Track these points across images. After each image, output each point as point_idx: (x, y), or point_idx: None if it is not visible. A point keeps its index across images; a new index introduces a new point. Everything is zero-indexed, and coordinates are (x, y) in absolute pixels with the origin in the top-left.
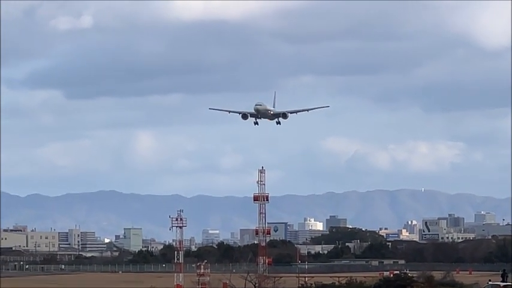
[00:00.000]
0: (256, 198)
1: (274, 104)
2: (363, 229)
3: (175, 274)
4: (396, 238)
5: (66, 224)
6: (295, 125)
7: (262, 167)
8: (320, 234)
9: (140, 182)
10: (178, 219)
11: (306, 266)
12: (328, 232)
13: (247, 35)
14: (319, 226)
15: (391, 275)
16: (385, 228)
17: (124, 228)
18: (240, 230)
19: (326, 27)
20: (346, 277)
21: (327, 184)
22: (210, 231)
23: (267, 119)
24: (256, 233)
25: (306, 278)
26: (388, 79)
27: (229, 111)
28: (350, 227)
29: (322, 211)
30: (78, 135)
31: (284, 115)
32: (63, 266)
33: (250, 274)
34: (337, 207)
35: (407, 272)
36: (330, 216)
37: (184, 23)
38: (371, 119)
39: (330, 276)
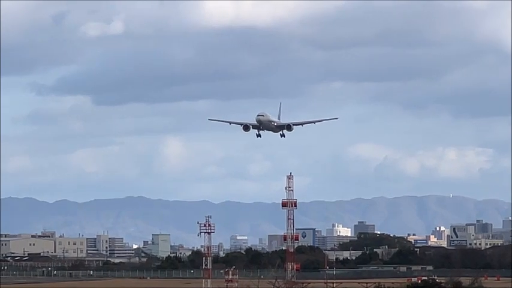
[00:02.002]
0: (284, 204)
1: (279, 115)
2: (391, 235)
3: (203, 280)
4: (424, 244)
5: (94, 230)
6: (324, 132)
7: (291, 173)
8: (348, 240)
9: (168, 188)
10: (207, 225)
11: (334, 272)
12: (356, 238)
13: (277, 42)
14: (347, 232)
15: (419, 281)
16: (413, 234)
17: (152, 234)
18: (268, 235)
19: (356, 34)
20: (374, 283)
21: (355, 190)
22: (238, 237)
23: (270, 131)
24: (285, 239)
25: (334, 284)
26: (417, 85)
27: (230, 122)
28: (378, 233)
29: (350, 217)
30: (106, 141)
31: (289, 127)
32: (91, 272)
33: (278, 280)
34: (365, 213)
35: (435, 278)
36: (358, 222)
37: (215, 29)
38: (400, 125)
39: (358, 282)
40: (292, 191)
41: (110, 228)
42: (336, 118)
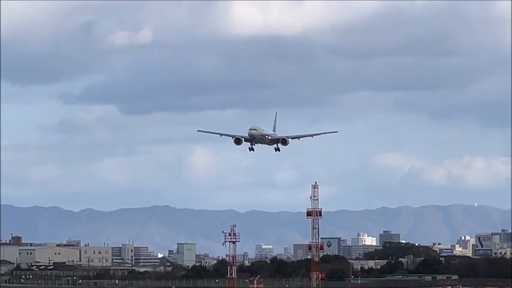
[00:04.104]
0: (309, 214)
1: (274, 127)
2: (416, 244)
3: None
4: (449, 253)
5: (119, 239)
6: (350, 141)
7: (316, 182)
8: (373, 250)
9: (194, 197)
10: (232, 234)
11: (359, 281)
12: (381, 247)
13: (305, 51)
14: (373, 241)
15: None
16: (439, 244)
17: (177, 243)
18: (294, 245)
19: (383, 43)
20: None
21: (380, 199)
22: (264, 246)
23: (264, 145)
24: (310, 248)
25: None
26: (444, 95)
27: (221, 134)
28: (403, 242)
29: (375, 226)
30: (133, 150)
31: (284, 141)
32: (116, 281)
33: None
34: (390, 222)
35: (460, 287)
36: (384, 231)
37: (243, 38)
38: (426, 135)
39: None
40: (317, 200)
41: (136, 237)
42: (336, 131)
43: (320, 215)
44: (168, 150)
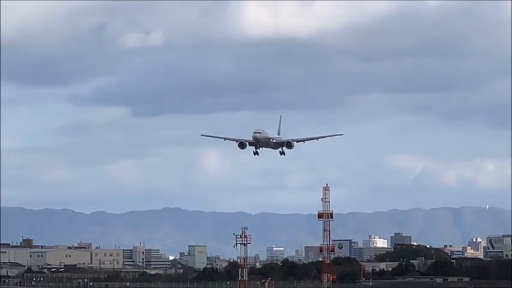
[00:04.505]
0: (320, 216)
1: (279, 130)
2: (428, 246)
3: None
4: (461, 255)
5: (130, 241)
6: (362, 142)
7: (327, 185)
8: (384, 252)
9: (205, 199)
10: (243, 237)
11: (371, 283)
12: (392, 249)
13: (316, 53)
14: (384, 243)
15: None
16: (450, 246)
17: (188, 246)
18: (305, 247)
19: (395, 45)
20: None
21: (391, 201)
22: (275, 249)
23: (269, 149)
24: (321, 250)
25: None
26: (455, 96)
27: (225, 139)
28: (414, 244)
29: (386, 228)
30: (144, 152)
31: (289, 144)
32: (127, 283)
33: None
34: (401, 224)
35: None
36: (395, 233)
37: (254, 40)
38: (438, 136)
39: None
40: (329, 202)
41: (147, 239)
42: (341, 134)
43: (331, 217)
44: (179, 152)
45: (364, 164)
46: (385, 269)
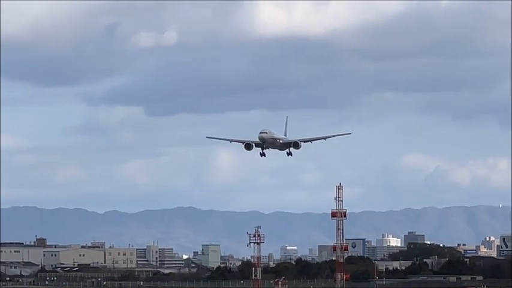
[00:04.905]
0: (333, 215)
1: (285, 131)
2: (441, 245)
3: None
4: (474, 254)
5: (144, 241)
6: (374, 142)
7: (340, 184)
8: (398, 251)
9: (219, 198)
10: (256, 236)
11: (384, 282)
12: (406, 248)
13: (329, 52)
14: (397, 242)
15: None
16: (463, 245)
17: (202, 245)
18: (318, 246)
19: (406, 44)
20: None
21: (405, 200)
22: (288, 248)
23: (275, 149)
24: (334, 249)
25: None
26: (467, 96)
27: (231, 140)
28: (428, 243)
29: (400, 227)
30: (157, 152)
31: (296, 144)
32: (141, 282)
33: None
34: (415, 223)
35: None
36: (408, 232)
37: (267, 39)
38: (450, 136)
39: None
40: (342, 201)
41: (160, 238)
42: (349, 133)
43: (345, 216)
44: (192, 151)
45: (377, 163)
46: (398, 268)
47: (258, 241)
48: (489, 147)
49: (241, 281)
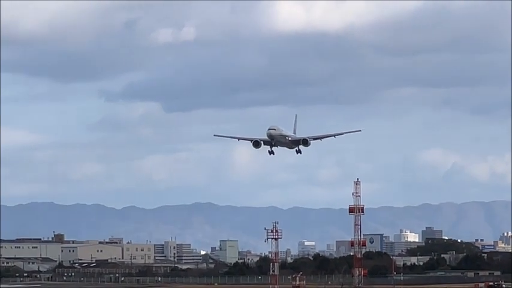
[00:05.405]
0: (351, 210)
1: (294, 129)
2: (459, 240)
3: (270, 286)
4: (492, 249)
5: (162, 236)
6: (392, 137)
7: (358, 179)
8: (416, 246)
9: (236, 194)
10: (274, 231)
11: (402, 278)
12: (423, 244)
13: (348, 48)
14: (415, 238)
15: (486, 287)
16: (481, 240)
17: (220, 240)
18: (336, 241)
19: (425, 40)
20: None
21: (422, 196)
22: (306, 243)
23: (284, 147)
24: (352, 245)
25: None
26: (486, 91)
27: (239, 138)
28: (446, 238)
29: (417, 223)
30: (175, 147)
31: (305, 142)
32: (159, 278)
33: (344, 286)
34: (432, 218)
35: (502, 283)
36: (426, 227)
37: (286, 35)
38: (468, 131)
39: None
40: (360, 196)
41: (178, 234)
42: (359, 130)
43: (362, 212)
44: (210, 147)
45: (395, 159)
46: (416, 263)
47: (276, 237)
48: (507, 143)
49: (259, 277)
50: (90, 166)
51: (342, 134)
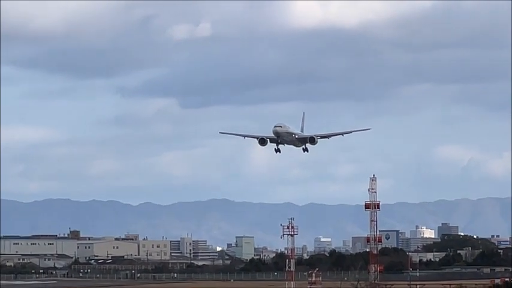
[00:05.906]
0: (367, 206)
1: (302, 127)
2: (475, 237)
3: (286, 282)
4: (508, 245)
5: (178, 233)
6: (408, 133)
7: (374, 175)
8: (432, 242)
9: (252, 190)
10: (290, 227)
11: (418, 274)
12: (439, 240)
13: (364, 44)
14: (431, 234)
15: (502, 283)
16: (497, 236)
17: (236, 237)
18: (352, 237)
19: (441, 36)
20: (457, 285)
21: (438, 192)
22: (322, 239)
23: (291, 145)
24: (368, 241)
25: (418, 286)
26: (503, 87)
27: (244, 136)
28: (462, 234)
29: (433, 219)
30: (191, 144)
31: (312, 140)
32: (175, 274)
33: (360, 282)
34: (448, 214)
35: None
36: (442, 223)
37: (302, 31)
38: (485, 127)
39: (441, 284)
40: (376, 192)
41: (194, 230)
42: (368, 129)
43: (378, 208)
44: (226, 143)
45: (411, 155)
46: (432, 259)
47: (292, 233)
48: None
49: (275, 273)
50: (106, 162)
51: (351, 132)
